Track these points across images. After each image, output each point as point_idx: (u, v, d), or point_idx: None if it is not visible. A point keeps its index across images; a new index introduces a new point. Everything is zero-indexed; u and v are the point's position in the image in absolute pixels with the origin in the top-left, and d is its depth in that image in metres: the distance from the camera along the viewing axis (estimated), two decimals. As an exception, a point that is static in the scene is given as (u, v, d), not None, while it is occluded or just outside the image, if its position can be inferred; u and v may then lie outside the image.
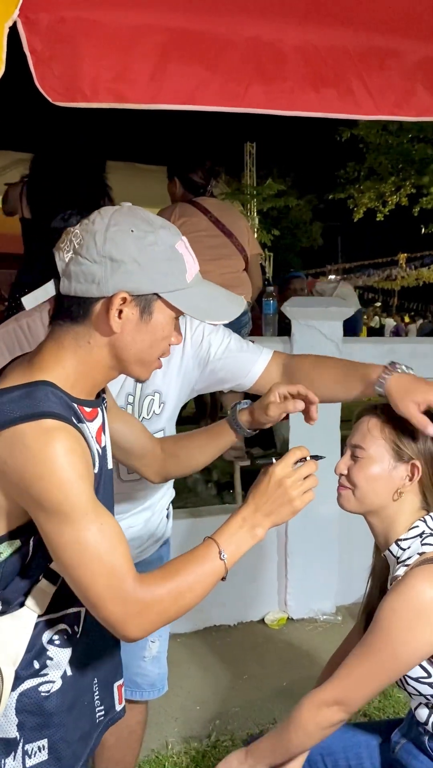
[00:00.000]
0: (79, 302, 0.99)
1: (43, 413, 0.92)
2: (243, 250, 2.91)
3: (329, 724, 1.23)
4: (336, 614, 2.94)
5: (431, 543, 1.25)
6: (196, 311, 1.04)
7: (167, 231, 1.02)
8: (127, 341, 1.01)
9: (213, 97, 1.33)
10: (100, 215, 1.00)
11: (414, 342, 3.82)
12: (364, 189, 13.51)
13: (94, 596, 0.96)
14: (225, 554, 1.04)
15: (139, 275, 0.98)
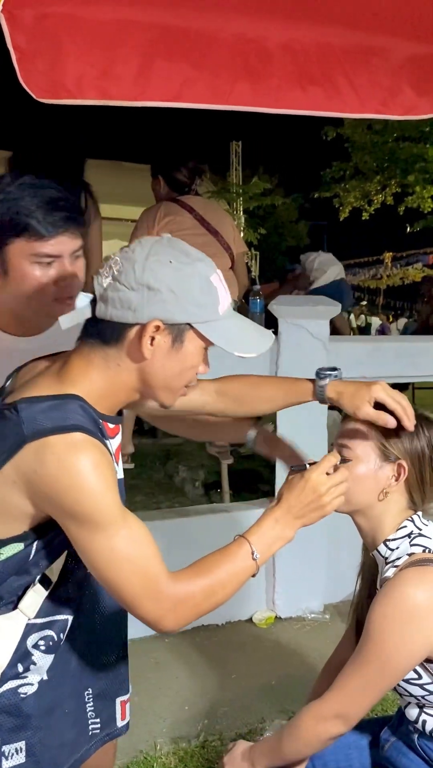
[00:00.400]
0: (113, 326, 1.02)
1: (73, 426, 0.96)
2: (229, 249, 2.90)
3: (329, 737, 1.23)
4: (324, 613, 2.94)
5: (419, 543, 1.25)
6: (226, 343, 1.06)
7: (204, 264, 1.05)
8: (156, 367, 1.04)
9: (200, 95, 1.32)
10: (140, 245, 1.03)
11: (400, 341, 3.83)
12: (349, 188, 13.55)
13: (129, 597, 1.01)
14: (257, 554, 1.10)
15: (174, 305, 1.01)
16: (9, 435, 0.97)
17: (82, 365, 1.05)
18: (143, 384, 1.07)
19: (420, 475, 1.29)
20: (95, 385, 1.04)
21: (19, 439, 0.96)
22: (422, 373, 3.25)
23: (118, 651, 1.30)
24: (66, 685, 1.18)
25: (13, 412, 0.98)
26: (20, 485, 0.98)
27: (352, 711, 1.21)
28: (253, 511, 2.95)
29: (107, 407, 1.07)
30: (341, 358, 2.96)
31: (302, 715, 1.26)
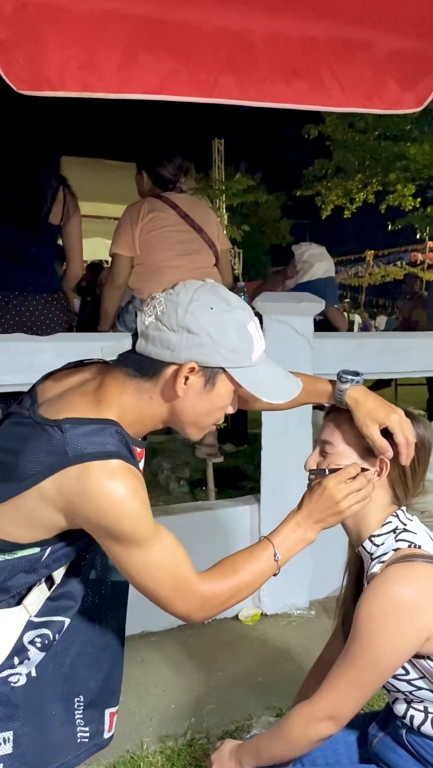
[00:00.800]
0: (151, 362, 1.09)
1: (112, 453, 1.03)
2: (213, 246, 2.89)
3: (319, 738, 1.23)
4: (310, 609, 2.94)
5: (404, 539, 1.25)
6: (256, 389, 1.11)
7: (243, 312, 1.10)
8: (187, 405, 1.11)
9: (183, 88, 1.31)
10: (185, 288, 1.09)
11: (384, 337, 3.84)
12: (331, 186, 13.59)
13: (162, 599, 1.11)
14: (279, 555, 1.21)
15: (210, 349, 1.07)
16: (53, 452, 1.02)
17: (117, 392, 1.10)
18: (172, 417, 1.13)
19: (402, 469, 1.29)
20: (128, 412, 1.10)
21: (64, 460, 1.01)
22: (405, 369, 3.26)
23: (112, 661, 1.32)
24: (56, 686, 1.22)
25: (56, 430, 1.03)
26: (59, 503, 1.04)
27: (342, 711, 1.21)
28: (238, 508, 2.94)
29: (134, 432, 1.12)
30: (326, 354, 2.96)
31: (292, 716, 1.25)
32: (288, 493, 2.94)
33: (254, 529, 2.92)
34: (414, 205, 12.99)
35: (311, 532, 1.24)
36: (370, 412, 1.25)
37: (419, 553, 1.22)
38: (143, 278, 2.79)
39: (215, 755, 1.34)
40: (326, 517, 1.22)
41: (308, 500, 1.24)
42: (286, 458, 2.92)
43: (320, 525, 1.23)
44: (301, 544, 1.24)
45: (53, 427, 1.04)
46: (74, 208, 2.81)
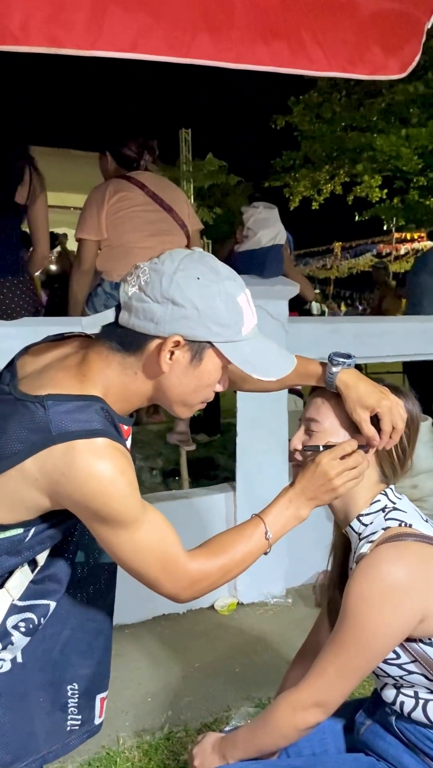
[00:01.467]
0: (134, 336, 1.03)
1: (98, 432, 0.98)
2: (184, 226, 2.81)
3: (307, 726, 1.18)
4: (286, 597, 2.91)
5: (394, 517, 1.21)
6: (246, 364, 1.06)
7: (232, 283, 1.05)
8: (172, 382, 1.06)
9: (157, 46, 1.23)
10: (171, 257, 1.03)
11: (358, 321, 3.82)
12: (299, 177, 13.61)
13: (150, 579, 1.08)
14: (270, 534, 1.17)
15: (197, 322, 1.01)
16: (35, 430, 0.97)
17: (101, 366, 1.05)
18: (158, 394, 1.09)
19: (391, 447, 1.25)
20: (112, 388, 1.06)
21: (47, 438, 0.97)
22: (380, 353, 3.24)
23: (104, 645, 1.28)
24: (45, 672, 1.18)
25: (39, 407, 0.98)
26: (42, 483, 0.99)
27: (331, 698, 1.16)
28: (213, 496, 2.89)
29: (120, 409, 1.08)
30: (300, 338, 2.92)
31: (278, 704, 1.20)
32: (264, 480, 2.91)
33: (229, 517, 2.87)
34: (381, 196, 13.08)
35: (304, 509, 1.20)
36: (361, 398, 1.20)
37: (410, 531, 1.18)
38: (112, 260, 2.70)
39: (197, 749, 1.28)
40: (320, 494, 1.18)
41: (301, 477, 1.20)
42: (261, 445, 2.88)
43: (313, 502, 1.19)
44: (293, 522, 1.20)
45: (35, 404, 0.99)
46: (41, 188, 2.72)
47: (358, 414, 1.20)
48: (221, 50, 1.27)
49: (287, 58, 1.31)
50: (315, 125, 12.35)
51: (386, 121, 11.62)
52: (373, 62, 1.38)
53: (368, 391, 1.21)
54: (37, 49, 1.17)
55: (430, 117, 10.78)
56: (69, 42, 1.19)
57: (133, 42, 1.22)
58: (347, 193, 13.59)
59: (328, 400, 1.26)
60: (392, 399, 1.21)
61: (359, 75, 1.39)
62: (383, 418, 1.19)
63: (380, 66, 1.39)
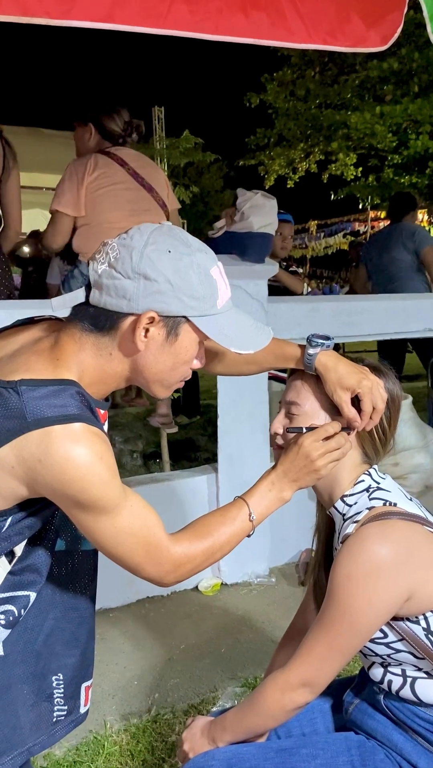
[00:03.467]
0: (107, 315, 1.00)
1: (74, 416, 0.95)
2: (164, 206, 2.75)
3: (295, 706, 1.17)
4: (270, 576, 2.92)
5: (379, 497, 1.20)
6: (222, 338, 1.03)
7: (204, 255, 1.02)
8: (149, 360, 1.03)
9: (133, 16, 1.18)
10: (139, 231, 1.00)
11: (336, 300, 3.81)
12: (274, 155, 13.51)
13: (133, 564, 1.05)
14: (255, 515, 1.16)
15: (171, 296, 0.99)
16: (9, 417, 0.95)
17: (75, 349, 1.02)
18: (135, 375, 1.06)
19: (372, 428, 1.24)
20: (87, 371, 1.02)
21: (22, 425, 0.94)
22: (358, 332, 3.23)
23: (88, 633, 1.25)
24: (28, 664, 1.15)
25: (12, 392, 0.95)
26: (19, 471, 0.96)
27: (319, 678, 1.16)
28: (195, 478, 2.88)
29: (97, 393, 1.05)
30: (280, 318, 2.90)
31: (266, 686, 1.20)
32: (245, 461, 2.90)
33: (212, 498, 2.87)
34: (356, 174, 13.05)
35: (287, 490, 1.19)
36: (341, 379, 1.18)
37: (395, 510, 1.17)
38: (90, 239, 2.62)
39: (186, 733, 1.28)
40: (302, 476, 1.17)
41: (284, 458, 1.19)
42: (242, 426, 2.87)
43: (296, 484, 1.19)
44: (276, 503, 1.19)
45: (8, 390, 0.95)
46: (13, 161, 2.64)
47: (338, 395, 1.18)
48: (198, 21, 1.23)
49: (266, 29, 1.27)
50: (289, 102, 12.24)
51: (360, 98, 11.57)
52: (354, 34, 1.35)
53: (347, 371, 1.19)
54: (8, 18, 1.11)
55: (404, 94, 10.75)
56: (41, 11, 1.13)
57: (109, 12, 1.17)
58: (322, 171, 13.53)
59: (307, 382, 1.24)
60: (372, 379, 1.19)
61: (340, 47, 1.36)
62: (364, 398, 1.18)
63: (360, 38, 1.35)
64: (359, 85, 11.53)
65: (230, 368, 1.35)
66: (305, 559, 2.94)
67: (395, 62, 10.04)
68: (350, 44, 1.37)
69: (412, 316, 3.36)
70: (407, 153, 11.35)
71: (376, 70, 10.52)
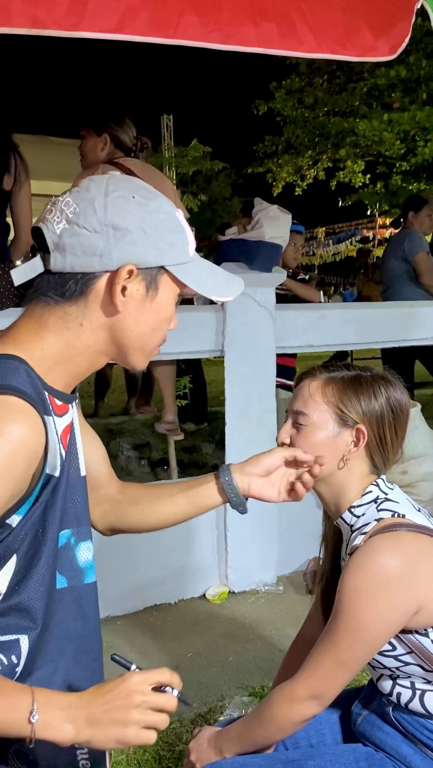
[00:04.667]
0: (75, 279, 0.88)
1: (9, 387, 0.82)
2: (172, 216, 2.77)
3: (303, 718, 1.17)
4: (277, 584, 2.90)
5: (387, 508, 1.19)
6: (202, 286, 0.95)
7: (166, 200, 0.94)
8: (129, 322, 0.92)
9: (142, 27, 1.19)
10: (93, 181, 0.90)
11: (345, 307, 3.81)
12: (282, 163, 13.56)
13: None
14: (37, 716, 0.79)
15: (146, 245, 0.89)
16: None
17: (34, 328, 0.89)
18: (112, 344, 0.94)
19: (380, 438, 1.23)
20: (48, 351, 0.89)
21: None
22: (367, 339, 3.23)
23: (101, 676, 1.07)
24: None
25: None
26: None
27: (327, 690, 1.15)
28: (203, 486, 2.87)
29: (61, 380, 0.92)
30: (287, 326, 2.91)
31: (273, 697, 1.19)
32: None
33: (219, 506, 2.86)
34: (364, 181, 13.06)
35: (71, 725, 0.81)
36: (254, 466, 1.18)
37: (404, 522, 1.16)
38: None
39: (193, 743, 1.27)
40: (106, 725, 0.81)
41: (96, 688, 0.86)
42: (249, 434, 2.86)
43: (90, 729, 0.81)
44: (54, 732, 0.80)
45: None
46: (25, 174, 2.67)
47: (273, 456, 1.18)
48: (208, 31, 1.23)
49: (276, 39, 1.28)
50: (297, 110, 12.29)
51: (368, 105, 11.60)
52: (362, 44, 1.36)
53: (254, 461, 1.18)
54: (18, 30, 1.13)
55: (412, 101, 10.77)
56: (51, 23, 1.14)
57: (119, 23, 1.18)
58: (330, 178, 13.55)
59: (315, 390, 1.23)
60: (274, 449, 1.20)
61: (349, 57, 1.36)
62: (294, 451, 1.18)
63: (369, 47, 1.36)
64: (367, 92, 11.56)
65: (148, 516, 1.21)
66: (312, 568, 2.92)
67: (403, 70, 10.06)
68: (358, 54, 1.37)
69: (420, 324, 3.35)
70: (415, 160, 11.37)
71: (384, 78, 10.55)
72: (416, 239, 4.19)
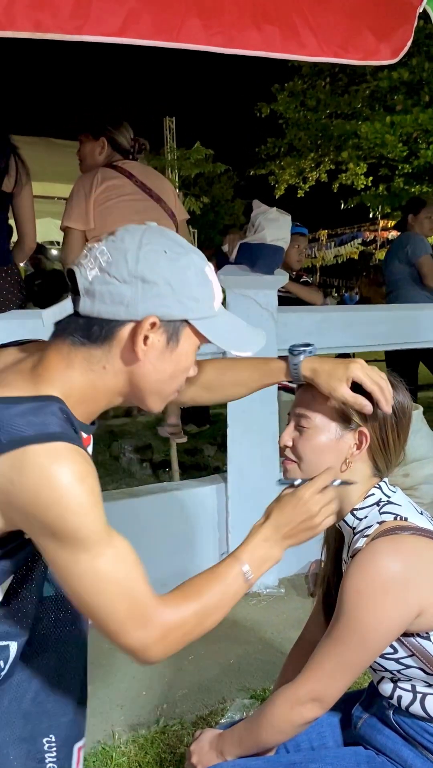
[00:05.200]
0: (101, 324, 0.93)
1: (55, 435, 0.87)
2: (173, 216, 2.77)
3: (304, 722, 1.17)
4: (279, 587, 2.90)
5: (389, 511, 1.19)
6: (223, 341, 0.99)
7: (198, 255, 0.98)
8: (147, 370, 0.96)
9: (145, 30, 1.20)
10: (129, 233, 0.94)
11: (347, 310, 3.82)
12: (284, 165, 13.56)
13: (114, 623, 0.92)
14: (251, 572, 1.06)
15: (171, 299, 0.93)
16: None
17: (61, 366, 0.94)
18: (131, 388, 0.98)
19: (383, 441, 1.23)
20: (76, 388, 0.94)
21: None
22: (369, 342, 3.23)
23: (81, 686, 1.15)
24: (14, 728, 1.04)
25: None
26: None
27: (328, 693, 1.15)
28: (205, 488, 2.88)
29: (84, 414, 0.97)
30: (289, 328, 2.91)
31: (275, 700, 1.19)
32: (255, 471, 2.89)
33: (221, 508, 2.86)
34: (366, 183, 13.06)
35: (279, 548, 1.10)
36: (330, 375, 1.14)
37: (406, 525, 1.16)
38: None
39: (194, 746, 1.27)
40: (298, 533, 1.09)
41: (278, 512, 1.09)
42: (252, 436, 2.87)
43: (288, 541, 1.10)
44: (268, 563, 1.09)
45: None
46: (26, 177, 2.67)
47: (336, 390, 1.13)
48: (211, 35, 1.24)
49: (278, 42, 1.28)
50: (300, 113, 12.30)
51: (370, 108, 11.60)
52: (365, 47, 1.36)
53: (334, 366, 1.15)
54: (22, 34, 1.13)
55: (415, 104, 10.77)
56: (54, 26, 1.15)
57: (122, 26, 1.18)
58: (332, 180, 13.56)
59: (318, 393, 1.22)
60: (359, 361, 1.16)
61: (351, 60, 1.36)
62: (363, 380, 1.14)
63: (372, 51, 1.36)
64: (369, 95, 11.56)
65: (217, 394, 1.31)
66: (314, 570, 2.92)
67: (405, 72, 10.07)
68: (360, 57, 1.38)
69: (422, 327, 3.35)
70: (418, 163, 11.37)
71: (386, 80, 10.55)
72: (419, 242, 4.19)
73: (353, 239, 18.19)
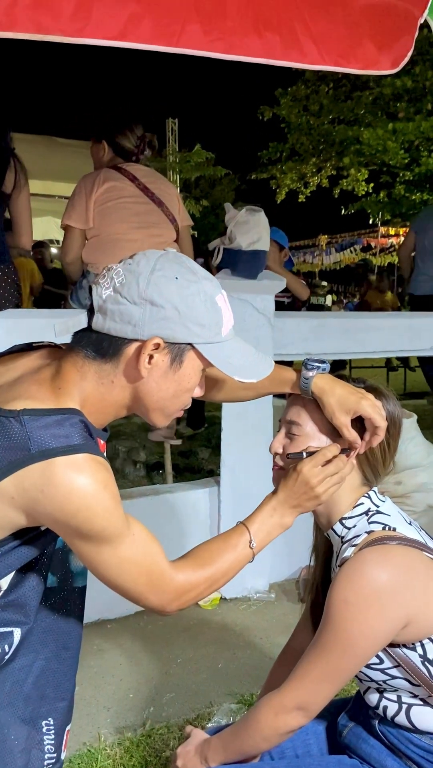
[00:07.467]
0: (111, 340, 1.00)
1: (78, 447, 0.94)
2: (174, 221, 2.77)
3: (289, 729, 1.17)
4: (270, 592, 2.90)
5: (378, 521, 1.19)
6: (227, 366, 1.04)
7: (210, 283, 1.03)
8: (151, 387, 1.03)
9: (146, 34, 1.20)
10: (145, 257, 1.00)
11: (343, 317, 3.81)
12: (286, 169, 13.59)
13: (135, 594, 1.05)
14: (255, 542, 1.18)
15: (177, 323, 0.98)
16: (12, 448, 0.93)
17: (76, 378, 1.01)
18: (136, 403, 1.05)
19: (371, 450, 1.23)
20: (89, 400, 1.02)
21: (26, 457, 0.92)
22: (365, 349, 3.23)
23: (75, 675, 1.22)
24: (16, 708, 1.11)
25: (14, 422, 0.93)
26: (19, 501, 0.95)
27: (313, 702, 1.15)
28: (198, 491, 2.87)
29: (95, 422, 1.04)
30: (286, 333, 2.91)
31: (260, 707, 1.19)
32: (248, 475, 2.89)
33: (213, 512, 2.86)
34: (367, 190, 13.10)
35: (288, 516, 1.20)
36: (340, 401, 1.17)
37: (394, 535, 1.16)
38: (98, 251, 2.66)
39: (181, 749, 1.27)
40: (303, 502, 1.18)
41: (284, 485, 1.19)
42: (246, 440, 2.86)
43: (297, 510, 1.20)
44: (278, 530, 1.20)
45: (9, 419, 0.94)
46: (24, 179, 2.68)
47: (338, 418, 1.17)
48: (211, 40, 1.24)
49: (279, 50, 1.29)
50: (302, 117, 12.32)
51: (373, 114, 11.64)
52: (365, 57, 1.36)
53: (345, 393, 1.18)
54: (23, 35, 1.13)
55: (417, 111, 10.81)
56: (55, 29, 1.15)
57: (122, 30, 1.19)
58: (333, 186, 13.59)
59: (309, 402, 1.24)
60: (370, 398, 1.19)
61: (352, 69, 1.37)
62: (371, 418, 1.17)
63: (372, 61, 1.36)
64: (372, 101, 11.60)
65: (228, 395, 1.36)
66: (305, 576, 2.92)
67: (408, 80, 10.11)
68: (361, 67, 1.38)
69: (418, 334, 3.35)
70: (419, 170, 11.41)
71: (389, 88, 10.59)
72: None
73: (352, 245, 18.19)
